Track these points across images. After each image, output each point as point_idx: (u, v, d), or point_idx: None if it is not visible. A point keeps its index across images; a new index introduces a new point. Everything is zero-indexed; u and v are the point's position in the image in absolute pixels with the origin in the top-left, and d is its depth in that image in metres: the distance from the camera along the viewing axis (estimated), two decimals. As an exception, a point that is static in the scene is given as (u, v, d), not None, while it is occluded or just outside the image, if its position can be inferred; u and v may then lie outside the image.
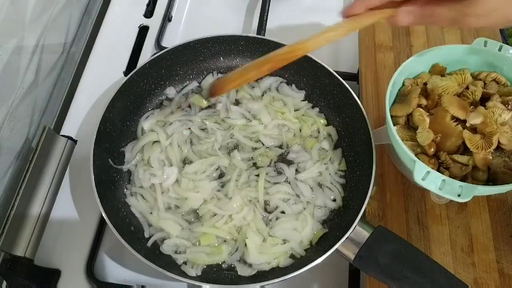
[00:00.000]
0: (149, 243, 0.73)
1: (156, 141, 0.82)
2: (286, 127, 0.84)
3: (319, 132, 0.84)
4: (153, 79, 0.85)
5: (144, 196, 0.77)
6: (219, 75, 0.89)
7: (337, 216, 0.77)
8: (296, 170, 0.81)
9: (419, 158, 0.64)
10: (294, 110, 0.86)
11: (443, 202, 0.76)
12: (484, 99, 0.71)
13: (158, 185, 0.77)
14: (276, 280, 0.66)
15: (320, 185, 0.80)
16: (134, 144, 0.82)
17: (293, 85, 0.88)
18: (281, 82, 0.89)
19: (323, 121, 0.85)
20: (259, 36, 0.89)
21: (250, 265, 0.72)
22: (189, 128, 0.83)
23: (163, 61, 0.84)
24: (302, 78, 0.87)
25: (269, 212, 0.77)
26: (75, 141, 0.85)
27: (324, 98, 0.86)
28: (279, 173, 0.80)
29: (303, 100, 0.87)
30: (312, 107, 0.87)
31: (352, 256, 0.66)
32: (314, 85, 0.86)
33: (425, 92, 0.73)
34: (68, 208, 0.80)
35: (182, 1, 1.06)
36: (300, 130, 0.84)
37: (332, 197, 0.79)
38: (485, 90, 0.72)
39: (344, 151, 0.83)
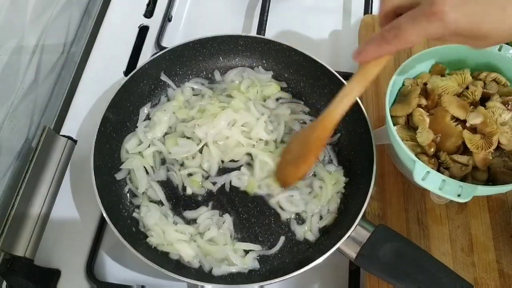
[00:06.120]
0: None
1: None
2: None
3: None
4: (153, 79, 0.84)
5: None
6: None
7: (338, 215, 0.77)
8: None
9: (419, 158, 0.65)
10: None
11: (443, 202, 0.76)
12: (484, 99, 0.71)
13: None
14: (276, 280, 0.66)
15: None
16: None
17: (260, 67, 0.89)
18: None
19: (276, 86, 0.87)
20: (258, 35, 0.89)
21: None
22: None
23: (163, 61, 0.84)
24: (301, 77, 0.87)
25: None
26: (75, 141, 0.85)
27: (324, 98, 0.86)
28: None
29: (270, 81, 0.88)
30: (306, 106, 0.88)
31: (353, 255, 0.66)
32: (314, 84, 0.86)
33: (425, 92, 0.73)
34: (68, 208, 0.80)
35: (182, 1, 1.06)
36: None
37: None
38: (485, 90, 0.72)
39: (344, 150, 0.83)
